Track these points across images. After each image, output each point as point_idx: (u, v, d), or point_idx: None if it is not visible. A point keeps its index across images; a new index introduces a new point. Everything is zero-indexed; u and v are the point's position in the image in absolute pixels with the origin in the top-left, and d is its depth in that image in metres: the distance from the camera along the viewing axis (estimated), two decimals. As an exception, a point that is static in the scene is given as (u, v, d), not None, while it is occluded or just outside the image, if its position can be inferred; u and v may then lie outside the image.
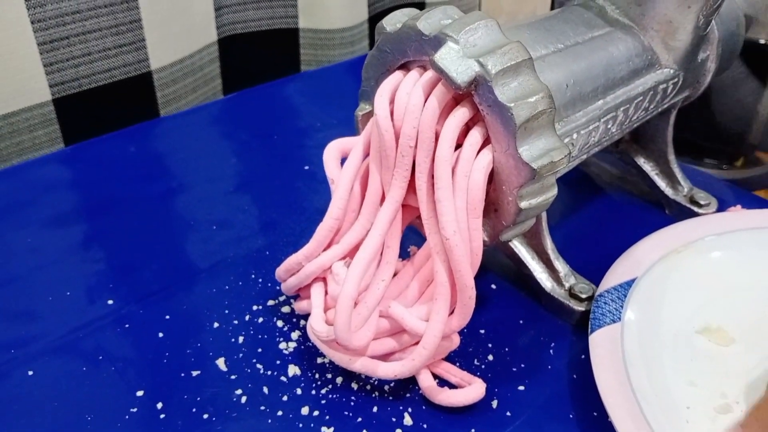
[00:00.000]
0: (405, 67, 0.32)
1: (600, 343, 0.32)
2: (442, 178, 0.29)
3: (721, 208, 0.44)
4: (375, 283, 0.31)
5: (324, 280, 0.34)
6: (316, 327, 0.31)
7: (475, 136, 0.30)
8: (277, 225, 0.44)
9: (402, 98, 0.30)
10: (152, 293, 0.38)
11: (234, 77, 0.68)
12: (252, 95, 0.59)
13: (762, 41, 0.69)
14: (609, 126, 0.35)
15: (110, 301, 0.38)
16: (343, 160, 0.34)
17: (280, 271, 0.35)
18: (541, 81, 0.29)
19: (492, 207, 0.31)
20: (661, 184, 0.44)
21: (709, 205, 0.43)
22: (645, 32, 0.36)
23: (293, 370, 0.34)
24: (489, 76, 0.28)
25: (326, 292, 0.33)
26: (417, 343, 0.31)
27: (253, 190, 0.47)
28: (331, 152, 0.34)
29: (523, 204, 0.30)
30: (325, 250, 0.33)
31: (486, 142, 0.30)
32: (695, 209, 0.43)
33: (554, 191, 0.30)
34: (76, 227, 0.43)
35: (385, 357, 0.32)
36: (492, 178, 0.30)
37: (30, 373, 0.33)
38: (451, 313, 0.31)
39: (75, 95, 0.55)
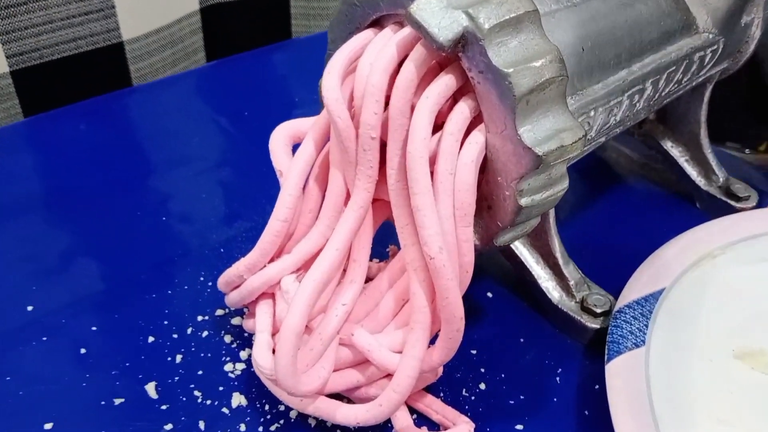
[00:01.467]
0: (378, 23, 0.26)
1: (619, 373, 0.26)
2: (419, 181, 0.22)
3: (763, 202, 0.37)
4: (333, 307, 0.24)
5: (273, 296, 0.27)
6: (260, 360, 0.25)
7: (463, 111, 0.23)
8: (239, 218, 0.37)
9: (364, 69, 0.23)
10: (80, 299, 0.32)
11: (219, 50, 0.62)
12: (233, 64, 0.53)
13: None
14: (634, 101, 0.28)
15: (30, 308, 0.32)
16: (296, 148, 0.27)
17: (220, 283, 0.28)
18: (550, 40, 0.22)
19: (484, 203, 0.24)
20: (692, 172, 0.38)
21: (748, 199, 0.37)
22: (680, -15, 0.30)
23: (238, 399, 0.27)
24: (481, 33, 0.21)
25: (275, 312, 0.27)
26: (388, 376, 0.24)
27: (216, 175, 0.41)
28: (279, 138, 0.27)
29: (524, 200, 0.23)
30: (273, 259, 0.27)
31: (476, 120, 0.23)
32: (732, 203, 0.37)
33: (564, 184, 0.24)
34: (7, 220, 0.37)
35: (347, 391, 0.26)
36: (485, 166, 0.24)
37: None
38: (432, 342, 0.24)
39: (36, 67, 0.49)
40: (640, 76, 0.28)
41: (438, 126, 0.24)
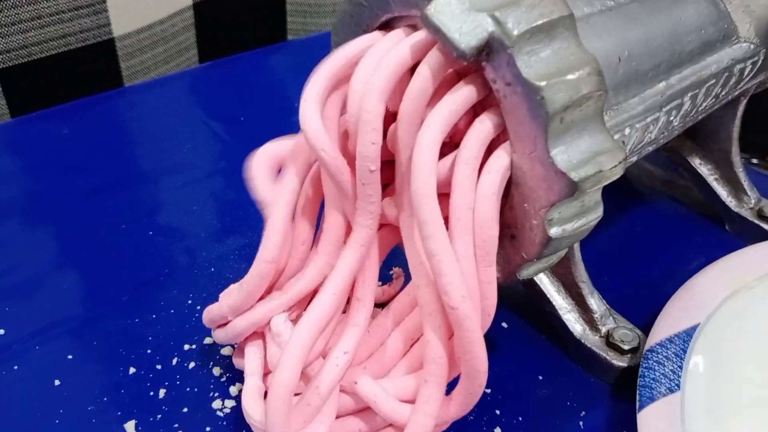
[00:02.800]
0: (388, 26, 0.23)
1: (652, 423, 0.23)
2: (429, 222, 0.19)
3: (798, 225, 0.34)
4: (333, 356, 0.21)
5: (263, 335, 0.24)
6: (250, 411, 0.22)
7: (479, 135, 0.20)
8: (231, 233, 0.34)
9: (357, 87, 0.20)
10: (55, 322, 0.29)
11: (212, 47, 0.60)
12: (227, 66, 0.50)
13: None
14: (671, 118, 0.25)
15: (1, 332, 0.29)
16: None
17: (204, 319, 0.25)
18: (586, 50, 0.19)
19: (507, 232, 0.22)
20: (722, 192, 0.35)
21: (783, 223, 0.34)
22: (722, -9, 0.27)
23: (227, 442, 0.25)
24: (509, 40, 0.18)
25: (266, 354, 0.24)
26: (393, 424, 0.22)
27: (206, 185, 0.38)
28: (261, 164, 0.24)
29: (554, 231, 0.20)
30: (263, 296, 0.24)
31: (500, 137, 0.20)
32: (765, 226, 0.34)
33: (599, 212, 0.21)
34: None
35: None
36: (508, 189, 0.21)
37: None
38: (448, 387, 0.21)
39: (23, 65, 0.47)
40: (679, 90, 0.25)
41: (456, 143, 0.21)
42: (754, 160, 0.62)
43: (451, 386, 0.22)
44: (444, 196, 0.23)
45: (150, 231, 0.35)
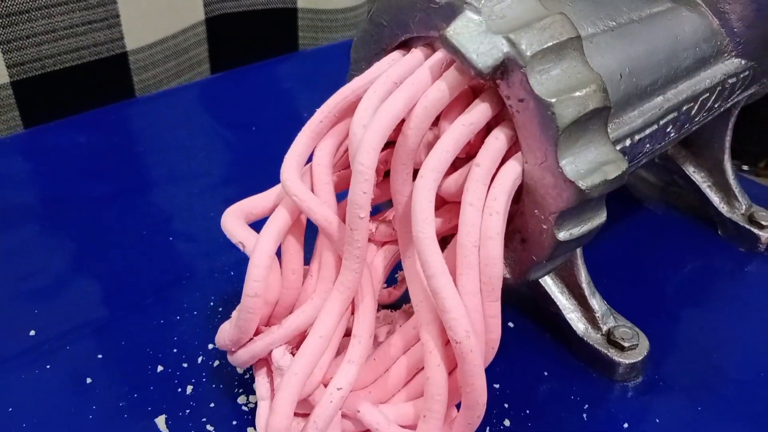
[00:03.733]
0: (406, 45, 0.24)
1: None
2: (430, 264, 0.21)
3: (787, 230, 0.36)
4: (328, 392, 0.23)
5: (269, 366, 0.26)
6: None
7: (500, 141, 0.22)
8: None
9: (357, 132, 0.22)
10: (84, 324, 0.31)
11: (224, 62, 0.61)
12: (239, 76, 0.52)
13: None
14: (668, 130, 0.27)
15: (32, 332, 0.30)
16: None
17: (217, 340, 0.27)
18: (593, 69, 0.21)
19: (518, 236, 0.23)
20: (714, 198, 0.37)
21: (773, 227, 0.36)
22: (714, 10, 0.29)
23: (253, 435, 0.26)
24: (523, 60, 0.20)
25: (273, 381, 0.25)
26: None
27: (222, 192, 0.40)
28: (231, 218, 0.26)
29: (562, 235, 0.22)
30: (266, 325, 0.25)
31: (511, 149, 0.22)
32: (755, 231, 0.36)
33: (603, 217, 0.23)
34: (8, 233, 0.36)
35: None
36: (518, 197, 0.23)
37: None
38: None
39: (37, 78, 0.48)
40: (676, 103, 0.27)
41: (469, 156, 0.23)
42: (745, 167, 0.64)
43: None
44: (454, 204, 0.24)
45: (170, 237, 0.36)
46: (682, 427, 0.27)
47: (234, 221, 0.26)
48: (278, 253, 0.25)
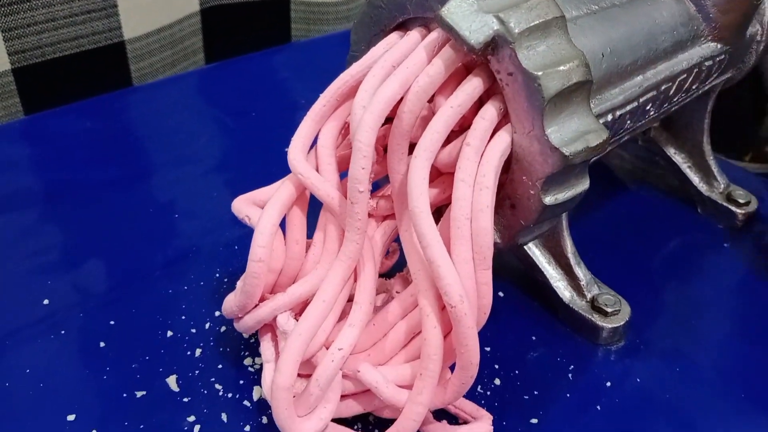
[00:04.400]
0: (403, 26, 0.26)
1: None
2: (426, 235, 0.22)
3: (762, 207, 0.38)
4: (330, 352, 0.24)
5: (272, 328, 0.27)
6: (270, 396, 0.25)
7: (490, 114, 0.23)
8: (250, 215, 0.38)
9: (357, 112, 0.24)
10: (96, 294, 0.32)
11: (218, 52, 0.62)
12: (233, 66, 0.53)
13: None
14: (647, 108, 0.29)
15: (46, 302, 0.32)
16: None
17: (223, 312, 0.28)
18: (575, 46, 0.23)
19: (507, 202, 0.25)
20: (694, 178, 0.39)
21: (748, 204, 0.38)
22: (691, -3, 0.31)
23: (259, 392, 0.28)
24: (511, 36, 0.22)
25: (278, 345, 0.27)
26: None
27: (224, 174, 0.41)
28: (240, 205, 0.28)
29: (548, 199, 0.24)
30: (271, 293, 0.27)
31: (501, 122, 0.24)
32: (732, 208, 0.38)
33: (586, 184, 0.25)
34: (17, 214, 0.37)
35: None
36: (509, 165, 0.25)
37: (-59, 390, 0.27)
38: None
39: (37, 65, 0.49)
40: (654, 83, 0.29)
41: (463, 128, 0.25)
42: (732, 162, 0.66)
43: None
44: (448, 175, 0.26)
45: (175, 215, 0.38)
46: (661, 386, 0.29)
47: (242, 202, 0.28)
48: (283, 229, 0.27)
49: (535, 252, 0.31)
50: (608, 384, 0.29)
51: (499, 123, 0.24)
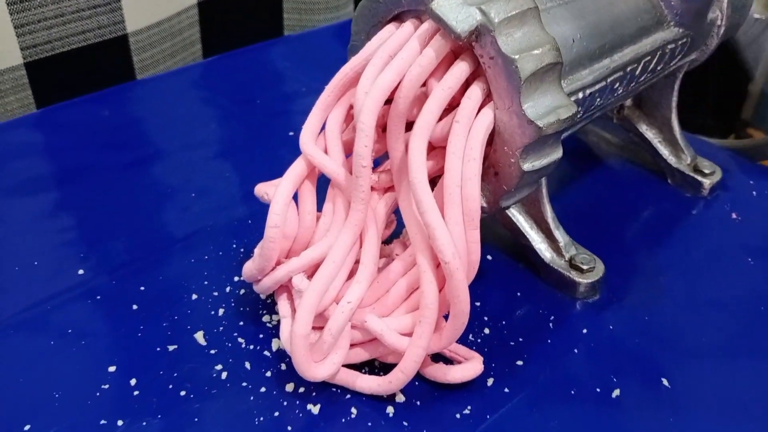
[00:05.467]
0: (398, 18, 0.30)
1: None
2: (423, 201, 0.26)
3: (726, 178, 0.42)
4: (340, 304, 0.28)
5: (288, 288, 0.31)
6: (287, 346, 0.29)
7: (473, 99, 0.27)
8: (261, 193, 0.41)
9: (360, 99, 0.28)
10: (126, 263, 0.36)
11: (214, 42, 0.65)
12: (233, 59, 0.56)
13: (756, 16, 0.67)
14: (616, 87, 0.33)
15: (80, 272, 0.35)
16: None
17: (243, 276, 0.32)
18: (547, 33, 0.27)
19: (491, 170, 0.29)
20: (664, 152, 0.42)
21: (713, 174, 0.41)
22: (654, -13, 0.34)
23: (277, 344, 0.32)
24: (492, 25, 0.26)
25: (293, 302, 0.31)
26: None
27: (234, 156, 0.45)
28: (261, 187, 0.32)
29: (526, 166, 0.28)
30: (281, 261, 0.30)
31: (486, 100, 0.28)
32: (699, 178, 0.42)
33: (559, 153, 0.28)
34: (44, 195, 0.41)
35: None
36: (492, 138, 0.28)
37: (-8, 351, 0.31)
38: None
39: (47, 59, 0.52)
40: (621, 64, 0.32)
41: (452, 105, 0.28)
42: (715, 141, 0.70)
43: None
44: (441, 149, 0.30)
45: (192, 193, 0.41)
46: (630, 333, 0.33)
47: (262, 185, 0.32)
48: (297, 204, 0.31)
49: (519, 218, 0.35)
50: (584, 331, 0.33)
51: (483, 101, 0.28)
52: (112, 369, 0.30)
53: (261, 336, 0.32)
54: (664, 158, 0.43)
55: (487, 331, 0.33)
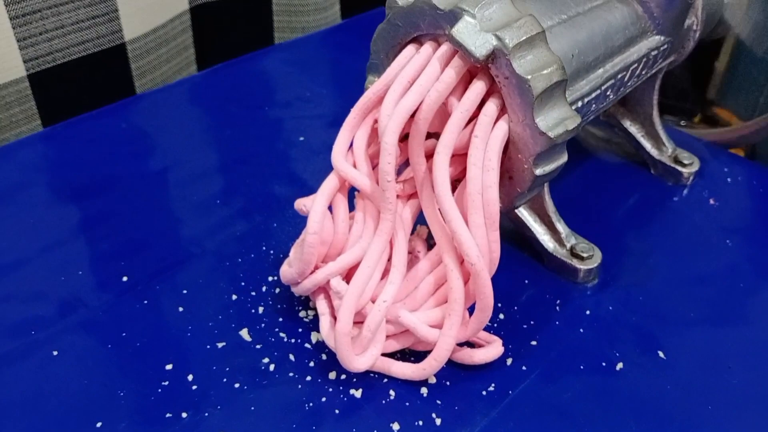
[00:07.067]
0: (416, 40, 0.33)
1: None
2: (449, 212, 0.30)
3: (704, 167, 0.46)
4: (377, 303, 0.31)
5: (325, 290, 0.34)
6: (329, 342, 0.33)
7: (488, 115, 0.31)
8: (281, 198, 0.44)
9: (383, 121, 0.31)
10: (166, 269, 0.39)
11: (207, 46, 0.68)
12: (230, 69, 0.59)
13: None
14: (608, 93, 0.37)
15: (125, 278, 0.38)
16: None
17: (282, 279, 0.35)
18: (554, 53, 0.30)
19: (506, 175, 0.33)
20: (647, 145, 0.47)
21: (692, 164, 0.46)
22: (638, 1, 0.38)
23: (316, 336, 0.35)
24: (507, 50, 0.29)
25: (331, 303, 0.34)
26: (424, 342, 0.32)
27: (250, 163, 0.48)
28: (299, 201, 0.35)
29: (538, 171, 0.31)
30: (319, 266, 0.34)
31: (500, 114, 0.31)
32: (679, 168, 0.46)
33: (565, 157, 0.32)
34: (75, 206, 0.43)
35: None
36: (506, 147, 0.32)
37: (55, 353, 0.34)
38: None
39: (49, 70, 0.54)
40: (612, 73, 0.36)
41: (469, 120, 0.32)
42: (683, 122, 0.74)
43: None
44: (460, 156, 0.33)
45: (217, 200, 0.44)
46: (628, 311, 0.37)
47: (300, 200, 0.35)
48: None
49: (524, 213, 0.39)
50: (587, 312, 0.37)
51: (498, 115, 0.31)
52: (169, 367, 0.33)
53: (300, 330, 0.35)
54: (647, 151, 0.47)
55: (501, 316, 0.36)
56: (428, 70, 0.31)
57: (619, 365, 0.34)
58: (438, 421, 0.31)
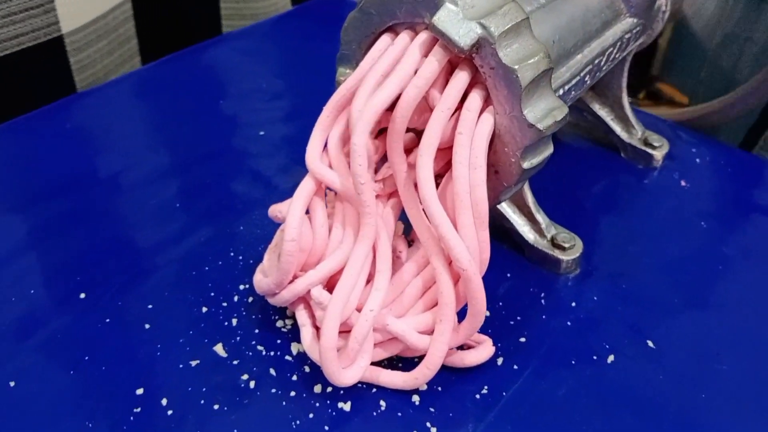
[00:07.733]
0: (392, 30, 0.31)
1: None
2: (435, 215, 0.28)
3: (672, 148, 0.46)
4: (363, 313, 0.29)
5: (305, 299, 0.32)
6: (312, 355, 0.31)
7: (471, 111, 0.29)
8: (245, 198, 0.42)
9: (354, 115, 0.29)
10: (127, 282, 0.36)
11: (151, 36, 0.64)
12: (178, 61, 0.55)
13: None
14: (586, 78, 0.36)
15: (82, 295, 0.35)
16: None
17: (257, 290, 0.33)
18: (538, 40, 0.29)
19: (492, 169, 0.31)
20: (617, 128, 0.46)
21: (662, 147, 0.45)
22: (612, -17, 0.37)
23: (297, 347, 0.33)
24: (492, 38, 0.27)
25: (313, 314, 0.32)
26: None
27: (208, 161, 0.45)
28: (273, 207, 0.33)
29: (526, 164, 0.30)
30: (302, 270, 0.32)
31: (485, 105, 0.30)
32: (650, 151, 0.45)
33: (551, 148, 0.31)
34: (20, 218, 0.40)
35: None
36: (492, 140, 0.30)
37: (12, 384, 0.31)
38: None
39: None
40: (590, 58, 0.35)
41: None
42: (629, 99, 0.74)
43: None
44: (444, 150, 0.31)
45: (176, 203, 0.41)
46: (613, 301, 0.37)
47: (273, 206, 0.33)
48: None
49: (503, 205, 0.38)
50: (573, 304, 0.36)
51: (482, 107, 0.30)
52: (139, 392, 0.31)
53: (279, 341, 0.33)
54: (617, 134, 0.46)
55: (488, 313, 0.35)
56: (406, 61, 0.29)
57: (611, 358, 0.33)
58: (433, 430, 0.30)
